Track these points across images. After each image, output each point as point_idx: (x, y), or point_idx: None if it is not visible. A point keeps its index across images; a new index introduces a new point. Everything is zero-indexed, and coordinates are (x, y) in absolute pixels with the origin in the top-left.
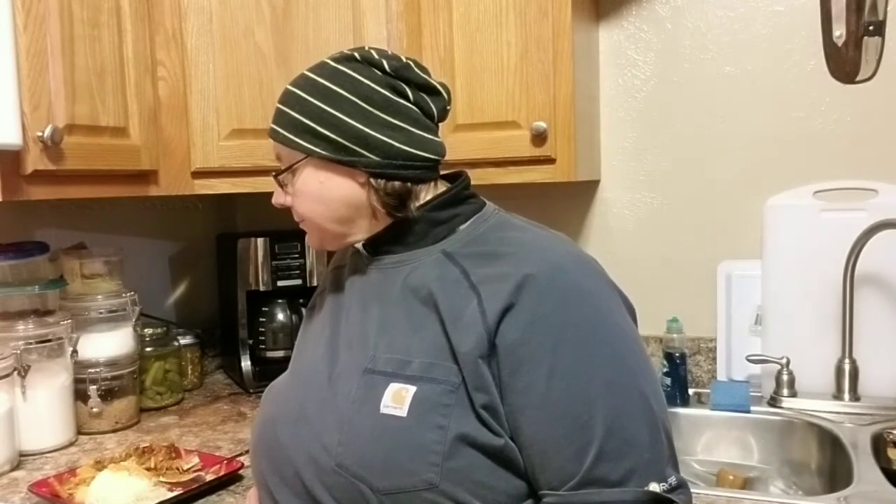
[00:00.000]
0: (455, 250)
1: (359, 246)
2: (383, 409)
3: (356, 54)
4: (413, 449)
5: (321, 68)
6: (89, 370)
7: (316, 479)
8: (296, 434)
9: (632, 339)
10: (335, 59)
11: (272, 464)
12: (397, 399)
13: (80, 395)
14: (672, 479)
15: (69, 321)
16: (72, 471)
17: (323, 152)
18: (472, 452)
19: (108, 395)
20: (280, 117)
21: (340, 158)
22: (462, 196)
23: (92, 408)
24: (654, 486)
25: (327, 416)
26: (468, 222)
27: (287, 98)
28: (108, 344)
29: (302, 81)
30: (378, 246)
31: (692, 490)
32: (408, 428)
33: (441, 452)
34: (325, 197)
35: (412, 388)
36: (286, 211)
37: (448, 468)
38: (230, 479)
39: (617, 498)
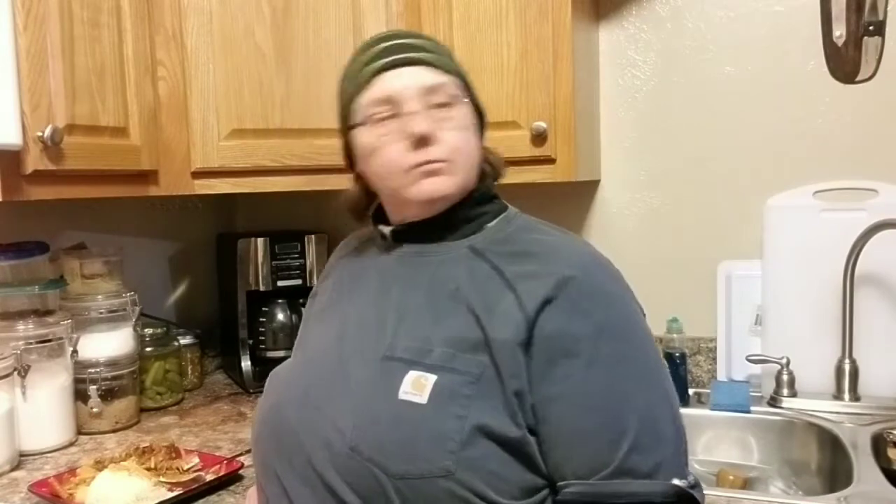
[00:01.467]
0: (484, 247)
1: (385, 230)
2: (402, 396)
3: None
4: (431, 436)
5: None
6: (89, 370)
7: (328, 462)
8: (305, 417)
9: (652, 341)
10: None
11: (279, 448)
12: (417, 386)
13: (80, 395)
14: (690, 477)
15: (69, 321)
16: (72, 471)
17: (480, 106)
18: (488, 443)
19: (108, 395)
20: (432, 52)
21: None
22: (491, 195)
23: (92, 408)
24: (677, 482)
25: (340, 400)
26: (494, 221)
27: (427, 41)
28: (108, 344)
29: (420, 36)
30: (405, 234)
31: None
32: (427, 415)
33: (458, 441)
34: (475, 143)
35: (432, 377)
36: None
37: (464, 457)
38: (230, 479)
39: (647, 489)
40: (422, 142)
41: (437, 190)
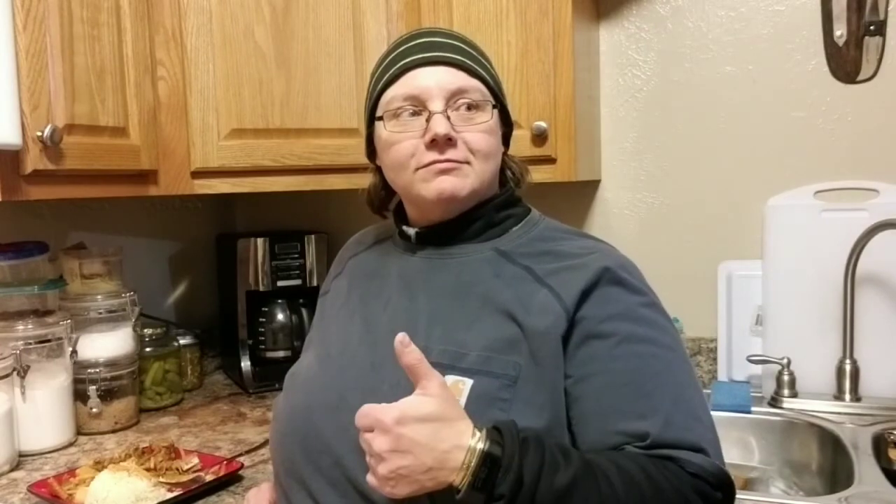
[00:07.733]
0: (511, 250)
1: (409, 232)
2: None
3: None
4: None
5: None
6: (89, 370)
7: (361, 468)
8: (337, 422)
9: (678, 336)
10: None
11: (307, 453)
12: (454, 391)
13: (79, 396)
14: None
15: (69, 321)
16: (71, 471)
17: (507, 108)
18: None
19: (107, 396)
20: (465, 55)
21: (508, 130)
22: (516, 198)
23: (91, 408)
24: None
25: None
26: (519, 225)
27: (463, 43)
28: (108, 344)
29: (458, 37)
30: (428, 235)
31: None
32: None
33: None
34: (497, 148)
35: (469, 381)
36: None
37: None
38: (230, 480)
39: (698, 461)
40: (439, 143)
41: (447, 189)
